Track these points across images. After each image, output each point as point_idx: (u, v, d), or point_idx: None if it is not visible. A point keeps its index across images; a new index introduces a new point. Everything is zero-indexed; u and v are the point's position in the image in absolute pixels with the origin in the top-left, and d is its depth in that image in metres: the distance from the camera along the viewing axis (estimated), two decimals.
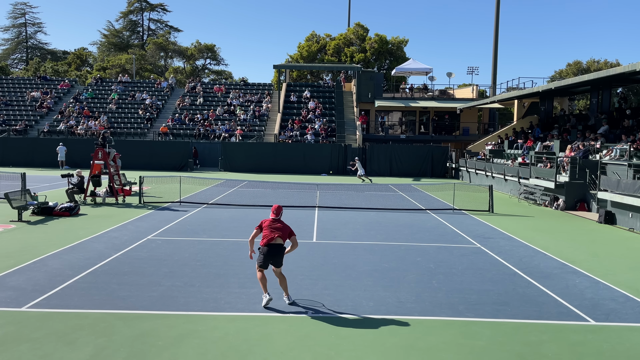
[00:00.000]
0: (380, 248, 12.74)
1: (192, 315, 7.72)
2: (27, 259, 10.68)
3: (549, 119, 33.82)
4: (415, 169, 38.58)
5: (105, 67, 74.36)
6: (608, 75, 22.07)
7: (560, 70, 68.62)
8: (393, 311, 8.13)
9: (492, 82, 49.53)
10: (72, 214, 16.44)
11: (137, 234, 13.75)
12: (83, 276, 9.59)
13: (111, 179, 19.76)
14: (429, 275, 10.31)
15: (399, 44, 65.63)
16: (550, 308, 8.47)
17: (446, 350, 6.70)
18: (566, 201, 20.78)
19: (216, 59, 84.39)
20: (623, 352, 6.80)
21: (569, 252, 12.82)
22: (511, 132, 36.25)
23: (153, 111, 45.71)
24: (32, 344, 6.57)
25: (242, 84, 52.36)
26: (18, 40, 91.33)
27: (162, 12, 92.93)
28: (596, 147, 22.27)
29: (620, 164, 18.86)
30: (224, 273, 10.06)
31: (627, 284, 9.99)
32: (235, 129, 42.25)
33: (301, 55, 65.98)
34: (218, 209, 18.73)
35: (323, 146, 39.22)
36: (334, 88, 49.39)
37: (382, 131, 46.80)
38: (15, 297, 8.32)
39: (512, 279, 10.21)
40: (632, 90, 57.31)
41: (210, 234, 13.93)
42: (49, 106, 46.34)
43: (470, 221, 17.38)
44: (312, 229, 15.05)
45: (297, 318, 7.74)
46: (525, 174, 24.48)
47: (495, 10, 48.67)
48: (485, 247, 13.12)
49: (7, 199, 15.24)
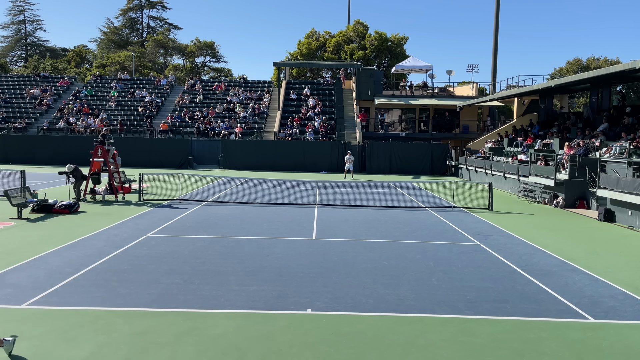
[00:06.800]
0: (380, 245, 12.75)
1: (192, 313, 7.73)
2: (26, 257, 10.68)
3: (549, 117, 33.80)
4: (415, 166, 38.57)
5: (104, 65, 74.26)
6: (608, 73, 22.06)
7: (560, 68, 68.58)
8: (392, 309, 8.14)
9: (492, 80, 49.51)
10: (72, 211, 16.44)
11: (136, 231, 13.75)
12: (83, 273, 9.59)
13: (111, 177, 19.76)
14: (428, 272, 10.32)
15: (398, 41, 65.56)
16: (550, 305, 8.48)
17: (445, 348, 6.71)
18: (566, 199, 20.78)
19: (216, 57, 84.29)
20: (622, 350, 6.81)
21: (569, 250, 12.83)
22: (511, 130, 36.22)
23: (153, 109, 45.68)
24: (32, 341, 6.58)
25: (242, 82, 52.31)
26: (17, 38, 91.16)
27: (161, 10, 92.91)
28: (596, 144, 22.26)
29: (620, 161, 18.86)
30: (223, 271, 10.06)
31: (626, 282, 10.00)
32: (235, 126, 42.24)
33: (301, 52, 65.89)
34: (217, 206, 18.73)
35: (323, 144, 39.21)
36: (334, 85, 49.35)
37: (382, 129, 46.79)
38: (15, 294, 8.33)
39: (511, 276, 10.21)
40: (632, 88, 57.27)
41: (209, 232, 13.93)
42: (48, 104, 46.29)
43: (470, 219, 17.38)
44: (312, 227, 15.06)
45: (296, 315, 7.74)
46: (524, 172, 24.49)
47: (495, 7, 48.63)
48: (485, 245, 13.13)
49: (7, 197, 15.24)
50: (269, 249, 12.06)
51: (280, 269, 10.29)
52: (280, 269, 10.24)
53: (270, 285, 9.15)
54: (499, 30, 60.34)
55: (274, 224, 15.38)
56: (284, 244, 12.59)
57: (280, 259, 11.06)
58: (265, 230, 14.29)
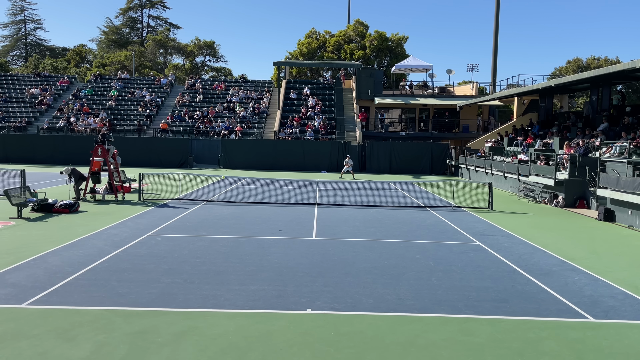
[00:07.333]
0: (380, 245, 12.75)
1: (192, 312, 7.73)
2: (26, 256, 10.68)
3: (549, 116, 33.80)
4: (415, 166, 38.57)
5: (104, 64, 74.24)
6: (608, 72, 22.06)
7: (560, 68, 68.54)
8: (392, 308, 8.14)
9: (492, 80, 49.53)
10: (72, 211, 16.44)
11: (136, 231, 13.75)
12: (83, 273, 9.59)
13: (111, 176, 19.76)
14: (428, 272, 10.32)
15: (398, 41, 65.53)
16: (550, 305, 8.48)
17: (445, 347, 6.71)
18: (566, 198, 20.78)
19: (216, 56, 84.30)
20: (622, 349, 6.81)
21: (568, 250, 12.83)
22: (511, 130, 36.23)
23: (152, 108, 45.67)
24: (31, 340, 6.58)
25: (242, 81, 52.31)
26: (17, 37, 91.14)
27: (161, 9, 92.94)
28: (596, 144, 22.26)
29: (620, 161, 18.86)
30: (223, 270, 10.06)
31: (626, 281, 10.00)
32: (235, 126, 42.23)
33: (301, 52, 65.87)
34: (218, 206, 18.73)
35: (323, 143, 39.21)
36: (334, 85, 49.34)
37: (382, 128, 46.80)
38: (15, 293, 8.33)
39: (511, 276, 10.21)
40: (632, 87, 57.27)
41: (209, 231, 13.93)
42: (48, 103, 46.29)
43: (470, 218, 17.39)
44: (312, 226, 15.06)
45: (296, 315, 7.74)
46: (524, 171, 24.49)
47: (495, 7, 48.63)
48: (485, 245, 13.13)
49: (7, 196, 15.24)
50: (269, 248, 12.06)
51: (280, 268, 10.29)
52: (280, 269, 10.24)
53: (270, 285, 9.15)
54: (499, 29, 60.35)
55: (274, 223, 15.38)
56: (284, 244, 12.60)
57: (280, 259, 11.06)
58: (265, 230, 14.29)
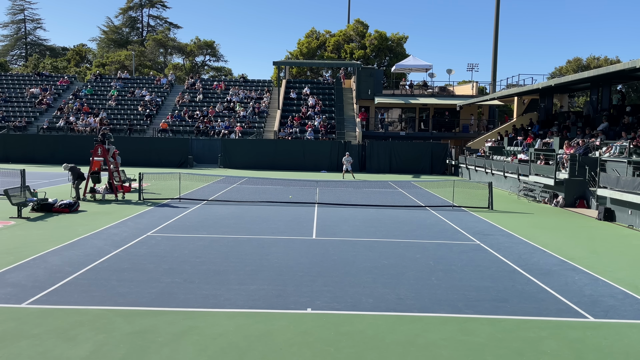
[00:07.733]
0: (380, 245, 12.75)
1: (192, 312, 7.73)
2: (26, 256, 10.68)
3: (549, 116, 33.80)
4: (415, 166, 38.57)
5: (104, 64, 74.21)
6: (608, 72, 22.05)
7: (560, 67, 68.52)
8: (392, 308, 8.14)
9: (492, 79, 49.52)
10: (72, 210, 16.44)
11: (136, 230, 13.75)
12: (83, 273, 9.59)
13: (111, 176, 19.76)
14: (428, 272, 10.32)
15: (398, 40, 65.50)
16: (550, 305, 8.48)
17: (445, 347, 6.71)
18: (566, 198, 20.78)
19: (215, 56, 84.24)
20: (622, 349, 6.81)
21: (568, 249, 12.83)
22: (511, 129, 36.23)
23: (152, 108, 45.66)
24: (32, 340, 6.58)
25: (242, 81, 52.30)
26: (17, 37, 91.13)
27: (161, 9, 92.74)
28: (596, 144, 22.26)
29: (620, 161, 18.86)
30: (223, 270, 10.06)
31: (626, 281, 10.00)
32: (235, 125, 42.23)
33: (301, 51, 65.85)
34: (218, 205, 18.73)
35: (323, 143, 39.21)
36: (334, 85, 49.33)
37: (382, 128, 46.79)
38: (15, 293, 8.33)
39: (511, 275, 10.22)
40: (632, 87, 57.26)
41: (209, 231, 13.93)
42: (48, 103, 46.28)
43: (470, 218, 17.39)
44: (312, 226, 15.06)
45: (296, 314, 7.74)
46: (524, 171, 24.48)
47: (495, 6, 48.61)
48: (485, 244, 13.13)
49: (7, 196, 15.24)
50: (269, 248, 12.06)
51: (280, 268, 10.29)
52: (280, 268, 10.24)
53: (270, 285, 9.15)
54: (499, 29, 60.31)
55: (274, 223, 15.38)
56: (283, 243, 12.60)
57: (280, 258, 11.07)
58: (265, 230, 14.29)
